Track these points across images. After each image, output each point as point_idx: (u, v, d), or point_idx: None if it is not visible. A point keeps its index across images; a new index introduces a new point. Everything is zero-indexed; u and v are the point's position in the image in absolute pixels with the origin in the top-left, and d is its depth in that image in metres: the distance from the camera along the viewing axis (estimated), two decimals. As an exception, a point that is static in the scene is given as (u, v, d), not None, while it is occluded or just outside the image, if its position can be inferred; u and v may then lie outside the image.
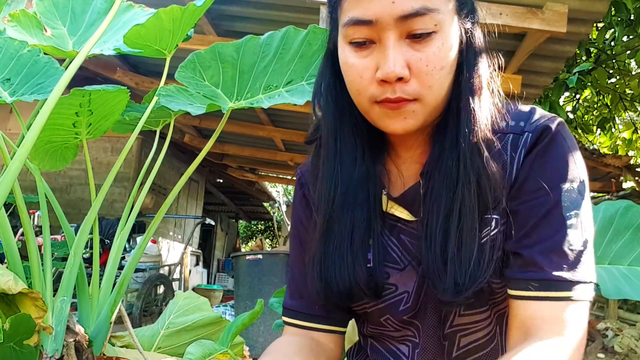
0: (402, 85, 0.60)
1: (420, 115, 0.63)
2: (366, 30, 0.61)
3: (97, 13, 1.14)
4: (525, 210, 0.63)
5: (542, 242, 0.61)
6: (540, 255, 0.60)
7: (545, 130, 0.63)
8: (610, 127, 6.39)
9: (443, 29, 0.60)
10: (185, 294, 1.26)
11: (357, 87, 0.64)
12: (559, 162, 0.63)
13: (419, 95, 0.61)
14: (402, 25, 0.59)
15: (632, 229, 1.16)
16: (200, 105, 0.97)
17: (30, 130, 0.77)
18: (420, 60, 0.60)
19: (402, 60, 0.60)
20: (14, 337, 0.74)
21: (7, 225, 0.84)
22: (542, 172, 0.63)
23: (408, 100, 0.61)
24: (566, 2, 2.82)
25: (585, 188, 0.63)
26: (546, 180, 0.62)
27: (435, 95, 0.62)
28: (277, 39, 1.03)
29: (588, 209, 0.63)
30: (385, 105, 0.62)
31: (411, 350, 0.71)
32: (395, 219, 0.70)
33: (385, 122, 0.64)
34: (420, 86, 0.61)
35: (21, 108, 0.96)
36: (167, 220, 7.37)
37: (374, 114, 0.64)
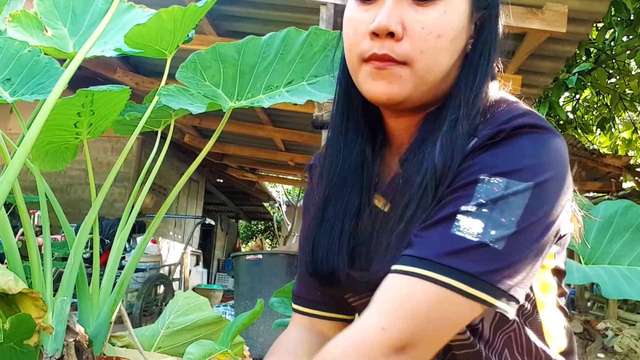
0: (392, 43, 0.57)
1: (407, 83, 0.58)
2: None
3: (98, 13, 1.15)
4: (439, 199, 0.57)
5: (433, 221, 0.54)
6: (423, 233, 0.54)
7: (497, 134, 0.56)
8: (610, 127, 6.40)
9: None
10: (185, 293, 1.26)
11: (350, 41, 0.62)
12: (497, 155, 0.55)
13: (408, 58, 0.58)
14: None
15: (632, 229, 1.16)
16: (200, 105, 0.97)
17: (31, 130, 0.77)
18: (418, 22, 0.57)
19: (397, 16, 0.57)
20: (14, 337, 0.74)
21: (7, 225, 0.84)
22: (472, 163, 0.56)
23: (395, 62, 0.58)
24: (566, 2, 2.82)
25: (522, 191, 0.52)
26: (469, 170, 0.55)
27: (427, 64, 0.58)
28: (278, 40, 1.03)
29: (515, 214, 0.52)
30: (371, 64, 0.59)
31: None
32: (378, 210, 0.68)
33: (368, 85, 0.60)
34: (411, 48, 0.57)
35: (21, 108, 0.96)
36: (167, 220, 7.37)
37: (361, 76, 0.61)
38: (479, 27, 0.64)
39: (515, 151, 0.54)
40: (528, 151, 0.54)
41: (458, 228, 0.51)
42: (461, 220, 0.52)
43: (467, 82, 0.61)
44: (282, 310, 1.23)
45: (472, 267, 0.50)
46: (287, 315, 1.25)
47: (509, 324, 0.64)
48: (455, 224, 0.52)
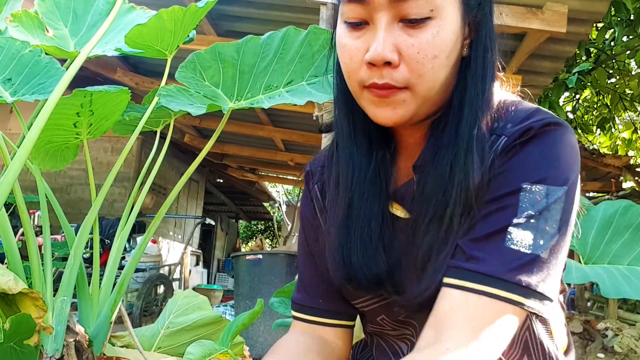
0: (391, 70, 0.57)
1: (411, 105, 0.59)
2: (360, 10, 0.58)
3: (99, 14, 1.15)
4: (480, 205, 0.58)
5: (484, 235, 0.56)
6: (477, 247, 0.55)
7: (526, 131, 0.58)
8: (610, 127, 6.40)
9: (441, 15, 0.57)
10: (184, 292, 1.26)
11: (348, 69, 0.62)
12: (529, 159, 0.57)
13: (409, 84, 0.58)
14: (396, 7, 0.56)
15: (631, 229, 1.16)
16: (200, 106, 0.97)
17: (31, 130, 0.77)
18: (412, 46, 0.57)
19: (392, 44, 0.57)
20: (14, 337, 0.74)
21: (7, 225, 0.84)
22: (506, 168, 0.57)
23: (397, 89, 0.58)
24: (566, 2, 2.82)
25: (560, 196, 0.55)
26: (507, 176, 0.57)
27: (427, 86, 0.58)
28: (278, 39, 1.03)
29: (555, 224, 0.55)
30: (373, 92, 0.59)
31: (410, 349, 0.71)
32: (394, 217, 0.68)
33: (373, 111, 0.61)
34: (409, 74, 0.57)
35: (22, 108, 0.96)
36: (167, 220, 7.37)
37: (364, 101, 0.62)
38: (474, 27, 0.63)
39: (547, 153, 0.57)
40: (558, 152, 0.57)
41: (512, 242, 0.54)
42: (513, 233, 0.54)
43: (468, 85, 0.61)
44: (282, 310, 1.23)
45: (529, 280, 0.53)
46: (287, 315, 1.25)
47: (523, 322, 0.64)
48: (508, 237, 0.54)
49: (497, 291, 0.53)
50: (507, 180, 0.57)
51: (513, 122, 0.60)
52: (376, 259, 0.65)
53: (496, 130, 0.60)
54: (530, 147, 0.57)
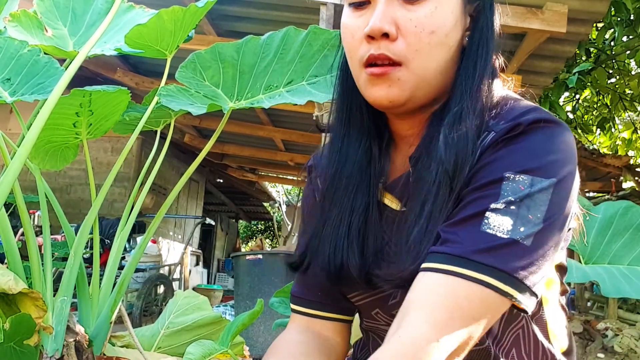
0: (388, 43, 0.58)
1: (406, 84, 0.59)
2: None
3: (98, 13, 1.15)
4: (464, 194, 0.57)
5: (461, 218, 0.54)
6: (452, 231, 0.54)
7: (514, 127, 0.57)
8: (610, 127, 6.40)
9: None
10: (185, 293, 1.26)
11: (349, 47, 0.63)
12: (517, 151, 0.55)
13: (405, 58, 0.59)
14: None
15: (631, 229, 1.16)
16: (201, 106, 0.97)
17: (31, 130, 0.77)
18: (410, 20, 0.58)
19: (390, 17, 0.58)
20: (14, 337, 0.74)
21: (7, 225, 0.84)
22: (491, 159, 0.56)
23: (392, 65, 0.59)
24: (566, 2, 2.82)
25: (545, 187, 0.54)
26: (491, 166, 0.56)
27: (424, 63, 0.59)
28: (278, 39, 1.03)
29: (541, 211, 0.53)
30: (370, 72, 0.60)
31: None
32: (388, 209, 0.68)
33: (370, 90, 0.62)
34: (406, 47, 0.58)
35: (21, 108, 0.96)
36: (167, 220, 7.37)
37: (362, 81, 0.62)
38: (474, 18, 0.64)
39: (535, 147, 0.55)
40: (547, 147, 0.55)
41: (488, 226, 0.52)
42: (490, 218, 0.52)
43: (467, 75, 0.62)
44: (282, 310, 1.23)
45: (506, 265, 0.51)
46: (287, 315, 1.25)
47: (517, 320, 0.64)
48: (485, 221, 0.52)
49: (466, 271, 0.51)
50: (491, 169, 0.56)
51: (505, 119, 0.59)
52: (350, 251, 0.65)
53: (489, 127, 0.60)
54: (518, 140, 0.56)
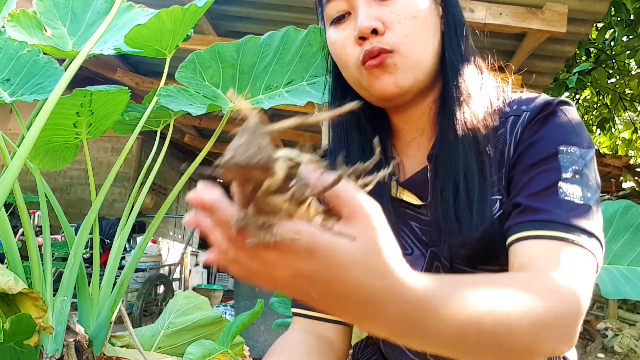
0: (378, 37, 0.63)
1: (404, 68, 0.64)
2: (340, 3, 0.66)
3: (97, 13, 1.14)
4: (522, 171, 0.62)
5: (536, 192, 0.59)
6: (535, 201, 0.59)
7: (546, 105, 0.64)
8: (610, 127, 6.40)
9: None
10: (185, 293, 1.26)
11: (344, 58, 0.67)
12: (558, 128, 0.62)
13: (396, 45, 0.63)
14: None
15: (631, 229, 1.16)
16: (200, 106, 0.97)
17: (31, 130, 0.77)
18: (391, 12, 0.64)
19: (373, 15, 0.63)
20: (14, 337, 0.74)
21: (7, 225, 0.84)
22: (538, 137, 0.62)
23: (386, 51, 0.63)
24: (566, 2, 2.82)
25: (590, 157, 0.61)
26: (542, 142, 0.62)
27: (413, 46, 0.64)
28: (277, 39, 1.03)
29: (594, 178, 0.61)
30: (369, 65, 0.64)
31: None
32: (405, 205, 0.70)
33: (374, 83, 0.65)
34: (394, 36, 0.63)
35: (21, 108, 0.96)
36: (167, 220, 7.37)
37: (364, 80, 0.66)
38: (444, 6, 0.69)
39: (570, 123, 0.63)
40: (577, 121, 0.64)
41: (566, 194, 0.58)
42: (564, 187, 0.58)
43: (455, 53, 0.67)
44: (282, 310, 1.23)
45: (588, 227, 0.56)
46: (287, 315, 1.24)
47: None
48: (561, 190, 0.58)
49: (568, 235, 0.55)
50: (543, 146, 0.62)
51: (527, 103, 0.66)
52: None
53: (513, 112, 0.66)
54: (555, 118, 0.63)
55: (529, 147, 0.63)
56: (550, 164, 0.60)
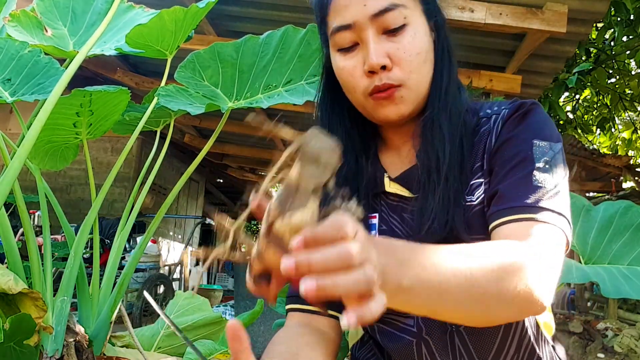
0: (387, 73, 0.69)
1: (408, 100, 0.71)
2: (349, 35, 0.71)
3: (98, 13, 1.15)
4: (500, 162, 0.70)
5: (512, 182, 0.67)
6: (512, 188, 0.67)
7: (521, 105, 0.73)
8: (610, 127, 6.40)
9: (412, 21, 0.70)
10: (185, 294, 1.26)
11: (352, 85, 0.73)
12: (531, 125, 0.71)
13: (403, 81, 0.70)
14: (377, 22, 0.69)
15: (631, 229, 1.16)
16: (199, 105, 0.97)
17: (31, 130, 0.77)
18: (398, 49, 0.69)
19: (382, 51, 0.69)
20: (14, 336, 0.74)
21: (7, 225, 0.84)
22: (516, 132, 0.71)
23: (394, 87, 0.70)
24: (566, 2, 2.82)
25: (559, 151, 0.70)
26: (519, 138, 0.70)
27: (417, 80, 0.71)
28: (276, 39, 1.03)
29: (562, 167, 0.69)
30: (377, 97, 0.71)
31: (416, 320, 0.74)
32: (397, 199, 0.77)
33: (380, 112, 0.72)
34: (402, 72, 0.70)
35: (21, 108, 0.96)
36: (167, 220, 7.37)
37: (370, 107, 0.73)
38: (436, 33, 0.76)
39: (542, 120, 0.72)
40: (548, 120, 0.72)
41: (538, 181, 0.66)
42: (536, 176, 0.67)
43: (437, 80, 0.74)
44: (282, 310, 1.23)
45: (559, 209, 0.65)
46: (287, 315, 1.24)
47: None
48: (534, 178, 0.67)
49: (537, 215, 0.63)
50: (520, 141, 0.70)
51: (505, 104, 0.75)
52: None
53: (494, 112, 0.75)
54: (529, 116, 0.72)
55: (508, 140, 0.71)
56: (526, 156, 0.68)
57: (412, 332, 0.74)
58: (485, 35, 3.24)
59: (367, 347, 0.83)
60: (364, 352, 0.83)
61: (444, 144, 0.72)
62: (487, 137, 0.73)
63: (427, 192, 0.72)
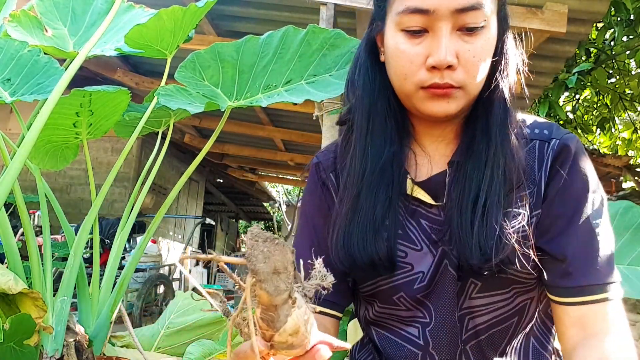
0: (450, 72, 0.65)
1: (461, 101, 0.68)
2: (422, 19, 0.65)
3: (98, 13, 1.15)
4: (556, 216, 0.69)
5: (576, 250, 0.67)
6: (575, 263, 0.66)
7: (569, 142, 0.70)
8: (610, 127, 6.39)
9: (489, 24, 0.66)
10: (185, 294, 1.26)
11: (406, 71, 0.68)
12: (585, 174, 0.70)
13: (464, 84, 0.67)
14: (457, 17, 0.64)
15: (632, 229, 1.16)
16: (199, 105, 0.97)
17: (31, 130, 0.77)
18: (469, 51, 0.65)
19: (453, 50, 0.65)
20: (14, 337, 0.74)
21: (7, 225, 0.84)
22: (571, 182, 0.69)
23: (454, 87, 0.66)
24: (566, 2, 2.82)
25: (604, 196, 0.70)
26: (575, 191, 0.69)
27: (477, 85, 0.68)
28: (277, 39, 1.03)
29: (606, 212, 0.69)
30: (431, 91, 0.67)
31: (421, 331, 0.73)
32: (417, 203, 0.74)
33: (428, 105, 0.68)
34: (466, 75, 0.66)
35: (21, 108, 0.96)
36: (167, 220, 7.37)
37: (417, 98, 0.69)
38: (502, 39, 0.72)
39: (589, 165, 0.71)
40: (590, 162, 0.72)
41: (601, 249, 0.66)
42: (600, 243, 0.67)
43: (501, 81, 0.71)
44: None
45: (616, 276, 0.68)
46: (287, 315, 1.24)
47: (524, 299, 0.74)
48: (598, 246, 0.67)
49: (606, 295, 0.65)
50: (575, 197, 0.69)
51: (548, 129, 0.73)
52: (376, 241, 0.70)
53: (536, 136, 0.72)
54: (580, 162, 0.71)
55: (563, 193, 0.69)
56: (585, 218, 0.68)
57: (418, 344, 0.74)
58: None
59: (366, 350, 0.83)
60: (364, 354, 0.83)
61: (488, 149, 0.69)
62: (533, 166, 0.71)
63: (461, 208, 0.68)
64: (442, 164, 0.74)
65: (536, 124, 0.74)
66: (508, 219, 0.67)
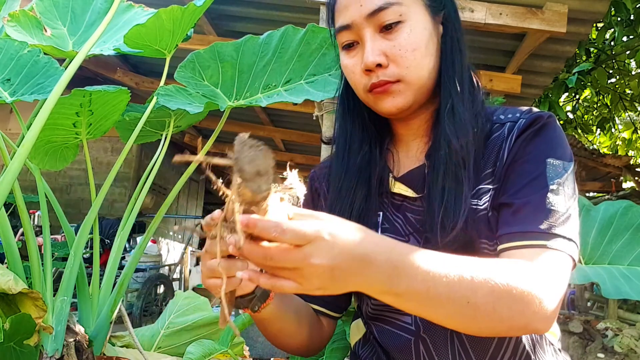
0: (383, 70, 0.71)
1: (407, 93, 0.73)
2: (349, 34, 0.74)
3: (97, 13, 1.15)
4: (513, 177, 0.71)
5: (526, 202, 0.68)
6: (523, 212, 0.67)
7: (538, 118, 0.73)
8: (610, 127, 6.40)
9: (409, 18, 0.71)
10: (185, 293, 1.26)
11: (354, 82, 0.76)
12: (547, 142, 0.71)
13: (400, 76, 0.72)
14: (373, 21, 0.71)
15: (632, 229, 1.16)
16: (198, 105, 0.97)
17: (30, 130, 0.77)
18: (394, 47, 0.71)
19: (378, 50, 0.71)
20: (14, 337, 0.74)
21: (7, 225, 0.84)
22: (531, 147, 0.71)
23: (391, 82, 0.72)
24: (566, 2, 2.82)
25: (571, 171, 0.70)
26: (534, 154, 0.71)
27: (416, 74, 0.72)
28: (276, 39, 1.03)
29: (572, 188, 0.70)
30: (375, 92, 0.73)
31: (413, 317, 0.75)
32: (402, 198, 0.78)
33: (379, 105, 0.75)
34: (398, 68, 0.71)
35: (21, 108, 0.96)
36: (167, 220, 7.37)
37: (371, 102, 0.76)
38: (444, 25, 0.77)
39: (557, 137, 0.72)
40: (562, 135, 0.73)
41: (551, 204, 0.67)
42: (550, 198, 0.67)
43: (448, 74, 0.75)
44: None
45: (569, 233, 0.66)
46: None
47: None
48: (547, 201, 0.67)
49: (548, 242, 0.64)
50: (534, 157, 0.70)
51: (520, 112, 0.75)
52: None
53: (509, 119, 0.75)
54: (545, 131, 0.72)
55: (523, 155, 0.71)
56: (540, 175, 0.69)
57: (411, 330, 0.75)
58: (485, 35, 3.24)
59: (369, 345, 0.84)
60: (367, 351, 0.84)
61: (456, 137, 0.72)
62: (501, 145, 0.73)
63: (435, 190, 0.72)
64: (421, 158, 0.79)
65: (515, 110, 0.77)
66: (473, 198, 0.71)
